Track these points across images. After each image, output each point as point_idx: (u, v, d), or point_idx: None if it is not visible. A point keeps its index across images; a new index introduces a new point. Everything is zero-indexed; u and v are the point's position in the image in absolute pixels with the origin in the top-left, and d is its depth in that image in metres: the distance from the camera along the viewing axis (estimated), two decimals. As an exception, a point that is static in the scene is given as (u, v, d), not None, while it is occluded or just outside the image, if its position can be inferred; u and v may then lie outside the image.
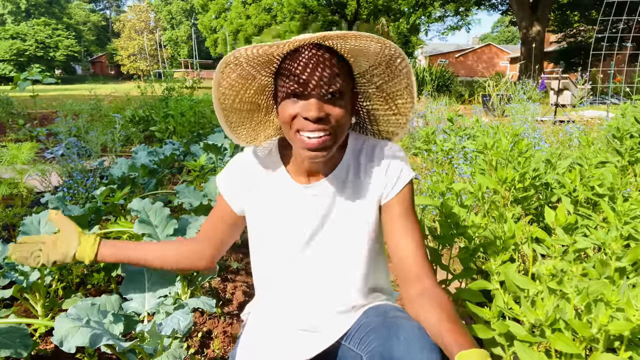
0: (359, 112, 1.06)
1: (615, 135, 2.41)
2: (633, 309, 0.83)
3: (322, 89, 0.86)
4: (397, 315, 0.93)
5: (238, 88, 0.96)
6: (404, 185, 0.98)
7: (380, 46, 0.86)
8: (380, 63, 0.93)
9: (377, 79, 0.97)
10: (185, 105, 6.29)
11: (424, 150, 3.86)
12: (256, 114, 1.03)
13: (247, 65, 0.91)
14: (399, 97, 0.99)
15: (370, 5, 24.00)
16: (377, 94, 1.01)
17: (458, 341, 0.78)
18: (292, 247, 1.01)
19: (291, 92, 0.87)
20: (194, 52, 39.01)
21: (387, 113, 1.03)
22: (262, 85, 0.98)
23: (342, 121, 0.89)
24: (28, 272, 1.64)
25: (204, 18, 31.13)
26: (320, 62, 0.86)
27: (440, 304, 0.87)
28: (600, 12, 10.31)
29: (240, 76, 0.93)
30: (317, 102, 0.86)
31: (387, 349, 0.84)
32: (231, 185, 1.06)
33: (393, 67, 0.93)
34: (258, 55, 0.87)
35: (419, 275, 0.93)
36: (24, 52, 41.71)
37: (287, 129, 0.90)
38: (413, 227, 0.97)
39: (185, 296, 1.80)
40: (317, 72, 0.85)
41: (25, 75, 7.93)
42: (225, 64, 0.89)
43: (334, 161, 1.00)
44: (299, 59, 0.86)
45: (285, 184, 1.01)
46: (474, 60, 40.92)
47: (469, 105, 11.48)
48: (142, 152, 3.24)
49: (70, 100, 9.19)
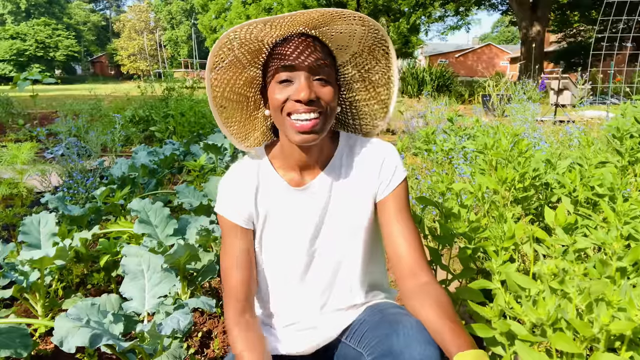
0: (341, 105, 1.08)
1: (615, 135, 2.41)
2: (634, 308, 0.83)
3: (312, 70, 0.89)
4: (395, 312, 0.94)
5: (229, 76, 0.97)
6: (398, 183, 0.99)
7: (364, 29, 0.91)
8: (363, 50, 0.97)
9: (360, 67, 1.01)
10: (185, 105, 6.30)
11: (424, 150, 3.86)
12: (245, 107, 1.05)
13: (238, 51, 0.93)
14: (381, 85, 1.03)
15: (370, 5, 23.99)
16: (359, 83, 1.05)
17: (457, 341, 0.78)
18: (292, 249, 1.01)
19: (282, 72, 0.89)
20: (194, 52, 39.03)
21: (369, 102, 1.06)
22: (250, 77, 1.00)
23: (332, 104, 0.91)
24: (28, 272, 1.64)
25: (204, 18, 31.13)
26: (309, 46, 0.90)
27: (438, 300, 0.88)
28: (600, 12, 10.31)
29: (232, 63, 0.95)
30: (307, 84, 0.88)
31: (386, 345, 0.85)
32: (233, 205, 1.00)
33: (375, 51, 0.98)
34: (249, 40, 0.90)
35: (416, 271, 0.93)
36: (24, 52, 41.73)
37: (278, 114, 0.91)
38: (408, 224, 0.98)
39: (185, 296, 1.80)
40: (305, 54, 0.89)
41: (25, 75, 7.93)
42: (219, 47, 0.90)
43: (326, 158, 1.01)
44: (289, 44, 0.90)
45: (279, 188, 1.01)
46: (474, 60, 40.94)
47: (469, 105, 11.48)
48: (142, 152, 3.24)
49: (70, 100, 9.21)
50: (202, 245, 1.83)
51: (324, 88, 0.90)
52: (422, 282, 0.92)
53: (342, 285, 1.02)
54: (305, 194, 1.00)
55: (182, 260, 1.66)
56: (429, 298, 0.88)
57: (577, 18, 22.53)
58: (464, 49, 43.42)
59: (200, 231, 1.78)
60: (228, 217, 0.98)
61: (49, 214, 1.90)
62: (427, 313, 0.86)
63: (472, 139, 3.37)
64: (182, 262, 1.67)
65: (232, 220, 0.98)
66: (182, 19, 57.61)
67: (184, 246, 1.58)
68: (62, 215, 2.24)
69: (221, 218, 1.00)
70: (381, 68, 1.00)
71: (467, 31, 39.79)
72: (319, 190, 1.00)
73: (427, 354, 0.80)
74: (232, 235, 0.99)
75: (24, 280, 1.63)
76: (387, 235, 0.98)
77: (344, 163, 1.01)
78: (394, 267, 0.97)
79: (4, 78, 37.48)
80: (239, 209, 0.99)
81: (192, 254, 1.66)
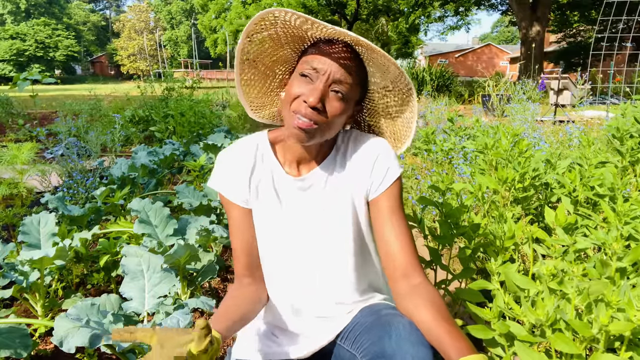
0: (360, 123, 1.12)
1: (615, 135, 2.41)
2: (634, 309, 0.83)
3: (334, 79, 0.89)
4: (389, 313, 0.93)
5: (265, 47, 0.99)
6: (391, 182, 0.98)
7: (398, 72, 0.93)
8: (395, 87, 0.98)
9: (388, 100, 1.03)
10: (185, 105, 6.30)
11: (424, 150, 3.86)
12: (271, 81, 1.07)
13: (281, 30, 0.94)
14: (402, 124, 1.04)
15: (370, 5, 23.98)
16: (382, 115, 1.06)
17: (456, 344, 0.78)
18: (281, 240, 1.00)
19: (307, 68, 0.90)
20: (193, 52, 39.00)
21: (386, 133, 1.09)
22: (285, 57, 1.02)
23: (335, 119, 0.91)
24: (28, 272, 1.64)
25: (204, 18, 31.12)
26: (343, 58, 0.90)
27: (432, 301, 0.87)
28: (600, 12, 10.31)
29: (271, 37, 0.97)
30: (321, 91, 0.88)
31: (379, 347, 0.85)
32: (228, 179, 1.01)
33: (404, 96, 0.99)
34: (293, 25, 0.91)
35: (408, 271, 0.93)
36: (24, 52, 41.73)
37: (287, 105, 0.92)
38: (400, 223, 0.97)
39: (185, 296, 1.80)
40: (335, 64, 0.89)
41: (25, 75, 7.92)
42: (261, 17, 0.91)
43: (325, 153, 1.01)
44: (327, 47, 0.91)
45: (275, 173, 1.01)
46: (474, 60, 40.92)
47: (468, 105, 11.48)
48: (142, 152, 3.24)
49: (69, 100, 9.21)
50: (202, 245, 1.83)
51: (336, 102, 0.90)
52: (415, 283, 0.91)
53: (335, 287, 1.01)
54: (300, 185, 1.00)
55: (182, 260, 1.66)
56: (423, 299, 0.88)
57: (577, 18, 22.52)
58: (464, 49, 43.42)
59: (200, 231, 1.78)
60: (222, 192, 1.02)
61: (49, 214, 1.89)
62: (421, 315, 0.86)
63: (472, 139, 3.37)
64: (182, 262, 1.67)
65: (226, 196, 1.01)
66: (182, 19, 57.63)
67: (183, 246, 1.58)
68: (62, 216, 2.24)
69: (218, 192, 1.03)
70: (405, 110, 1.02)
71: (467, 31, 39.80)
72: (314, 184, 1.00)
73: (420, 355, 0.79)
74: (229, 207, 1.02)
75: (23, 280, 1.63)
76: (379, 235, 0.98)
77: (340, 160, 1.01)
78: (386, 267, 0.96)
79: (4, 78, 37.47)
80: (232, 185, 1.00)
81: (192, 254, 1.66)
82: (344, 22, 24.36)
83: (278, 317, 1.05)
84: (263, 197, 1.01)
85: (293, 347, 1.00)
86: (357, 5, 23.06)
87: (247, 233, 1.02)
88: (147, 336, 0.68)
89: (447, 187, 1.66)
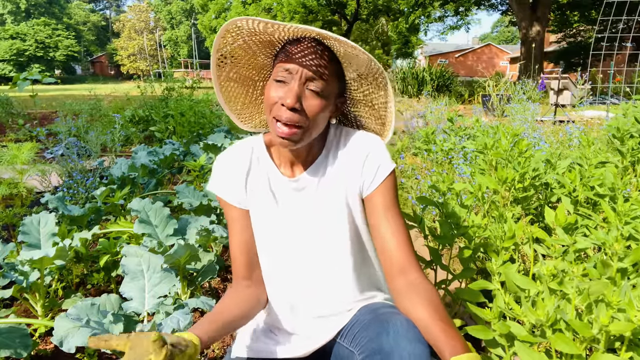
0: (347, 115, 1.12)
1: (616, 135, 2.41)
2: (634, 309, 0.83)
3: (308, 78, 0.89)
4: (387, 311, 0.93)
5: (238, 59, 1.00)
6: (383, 178, 0.97)
7: (367, 57, 0.91)
8: (369, 74, 0.98)
9: (365, 88, 1.02)
10: (185, 105, 6.30)
11: (424, 150, 3.86)
12: (252, 90, 1.08)
13: (248, 39, 0.95)
14: (383, 109, 1.04)
15: (370, 5, 23.98)
16: (363, 102, 1.06)
17: (451, 343, 0.79)
18: (281, 243, 1.01)
19: (280, 72, 0.90)
20: (193, 52, 39.02)
21: (371, 120, 1.09)
22: (261, 64, 1.04)
23: (316, 118, 0.91)
24: (28, 272, 1.64)
25: (204, 18, 31.10)
26: (312, 54, 0.89)
27: (429, 299, 0.87)
28: (600, 12, 10.31)
29: (241, 48, 0.97)
30: (296, 91, 0.88)
31: (377, 344, 0.85)
32: (225, 182, 1.03)
33: (378, 80, 0.98)
34: (259, 31, 0.92)
35: (405, 268, 0.93)
36: (24, 52, 41.72)
37: (268, 112, 0.93)
38: (396, 220, 0.96)
39: (185, 296, 1.80)
40: (306, 62, 0.89)
41: (25, 75, 7.92)
42: (225, 30, 0.93)
43: (316, 153, 1.01)
44: (295, 47, 0.90)
45: (270, 175, 1.02)
46: (474, 60, 40.91)
47: (468, 105, 11.48)
48: (142, 152, 3.24)
49: (70, 100, 9.21)
50: (202, 245, 1.83)
51: (314, 100, 0.90)
52: (412, 279, 0.91)
53: (334, 286, 1.01)
54: (294, 186, 1.00)
55: (182, 260, 1.66)
56: (420, 297, 0.88)
57: (577, 18, 22.51)
58: (464, 49, 43.41)
59: (200, 231, 1.78)
60: (219, 195, 1.03)
61: (49, 214, 1.89)
62: (418, 312, 0.86)
63: (472, 139, 3.36)
64: (182, 262, 1.67)
65: (224, 198, 1.03)
66: (182, 19, 57.58)
67: (184, 246, 1.58)
68: (62, 215, 2.24)
69: (216, 195, 1.05)
70: (382, 96, 1.01)
71: (467, 31, 39.85)
72: (307, 186, 1.00)
73: (417, 352, 0.80)
74: (227, 209, 1.04)
75: (23, 280, 1.63)
76: (375, 232, 0.98)
77: (331, 159, 1.01)
78: (383, 264, 0.96)
79: (4, 78, 37.46)
80: (229, 188, 1.02)
81: (192, 254, 1.66)
82: (344, 22, 24.37)
83: (277, 317, 1.05)
84: (260, 199, 1.01)
85: (292, 346, 1.00)
86: (357, 5, 23.06)
87: (245, 234, 1.03)
88: (121, 344, 0.71)
89: (448, 187, 1.66)
